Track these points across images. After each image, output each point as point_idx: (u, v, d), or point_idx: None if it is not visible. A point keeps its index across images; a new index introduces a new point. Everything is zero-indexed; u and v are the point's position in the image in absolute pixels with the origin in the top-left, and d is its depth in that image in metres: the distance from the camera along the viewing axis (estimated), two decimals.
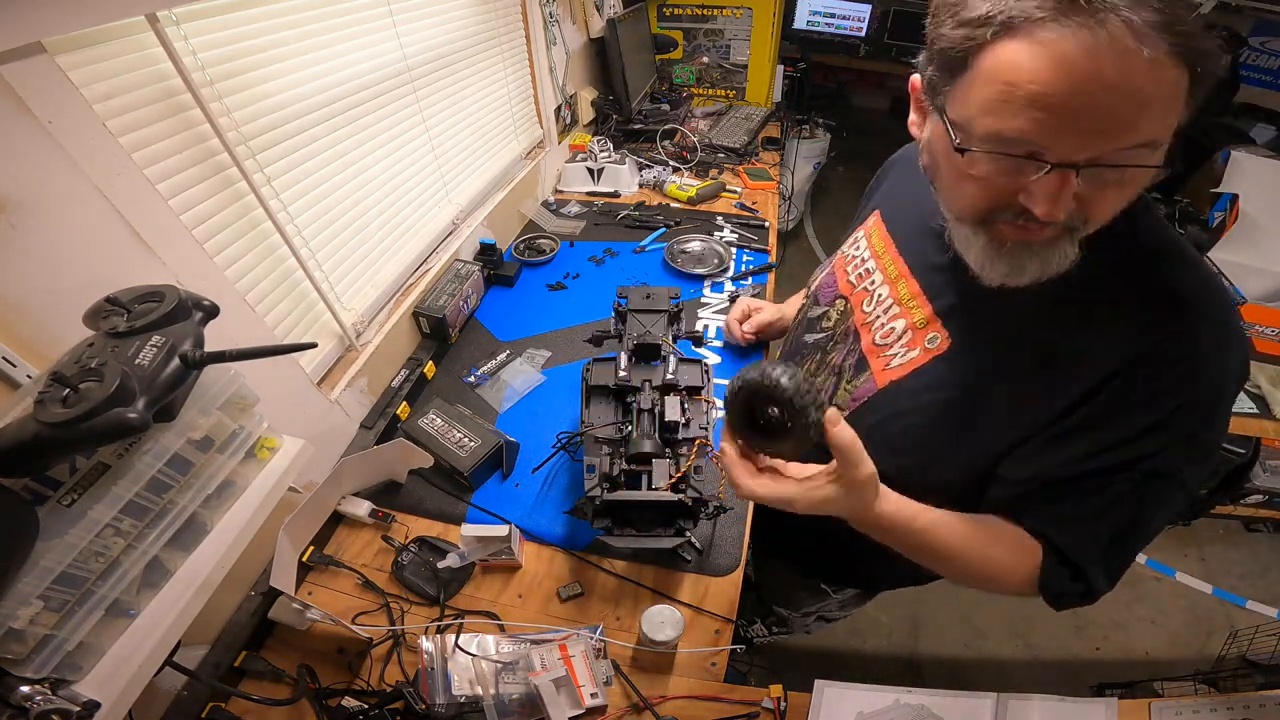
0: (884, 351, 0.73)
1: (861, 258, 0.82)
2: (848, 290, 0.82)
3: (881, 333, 0.74)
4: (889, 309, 0.74)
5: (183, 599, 0.58)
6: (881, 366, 0.73)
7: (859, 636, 1.79)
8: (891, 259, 0.76)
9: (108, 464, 0.52)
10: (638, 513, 0.81)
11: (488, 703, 0.73)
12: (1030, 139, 0.45)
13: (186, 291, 0.56)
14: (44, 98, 0.56)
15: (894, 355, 0.71)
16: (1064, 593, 0.62)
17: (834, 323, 0.83)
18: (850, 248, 0.85)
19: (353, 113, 1.04)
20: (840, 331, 0.81)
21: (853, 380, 0.77)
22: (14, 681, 0.47)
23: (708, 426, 0.86)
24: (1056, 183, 0.45)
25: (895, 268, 0.75)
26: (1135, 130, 0.42)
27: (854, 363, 0.77)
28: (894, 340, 0.72)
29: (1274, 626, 1.59)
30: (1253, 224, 1.97)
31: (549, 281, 1.50)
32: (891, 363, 0.72)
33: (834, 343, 0.82)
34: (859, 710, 0.75)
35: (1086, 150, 0.44)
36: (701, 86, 2.53)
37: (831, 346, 0.82)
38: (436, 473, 1.04)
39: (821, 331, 0.85)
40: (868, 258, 0.81)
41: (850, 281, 0.82)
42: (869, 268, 0.80)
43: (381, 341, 1.16)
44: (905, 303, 0.72)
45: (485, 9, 1.42)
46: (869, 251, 0.81)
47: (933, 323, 0.68)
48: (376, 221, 1.17)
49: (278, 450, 0.69)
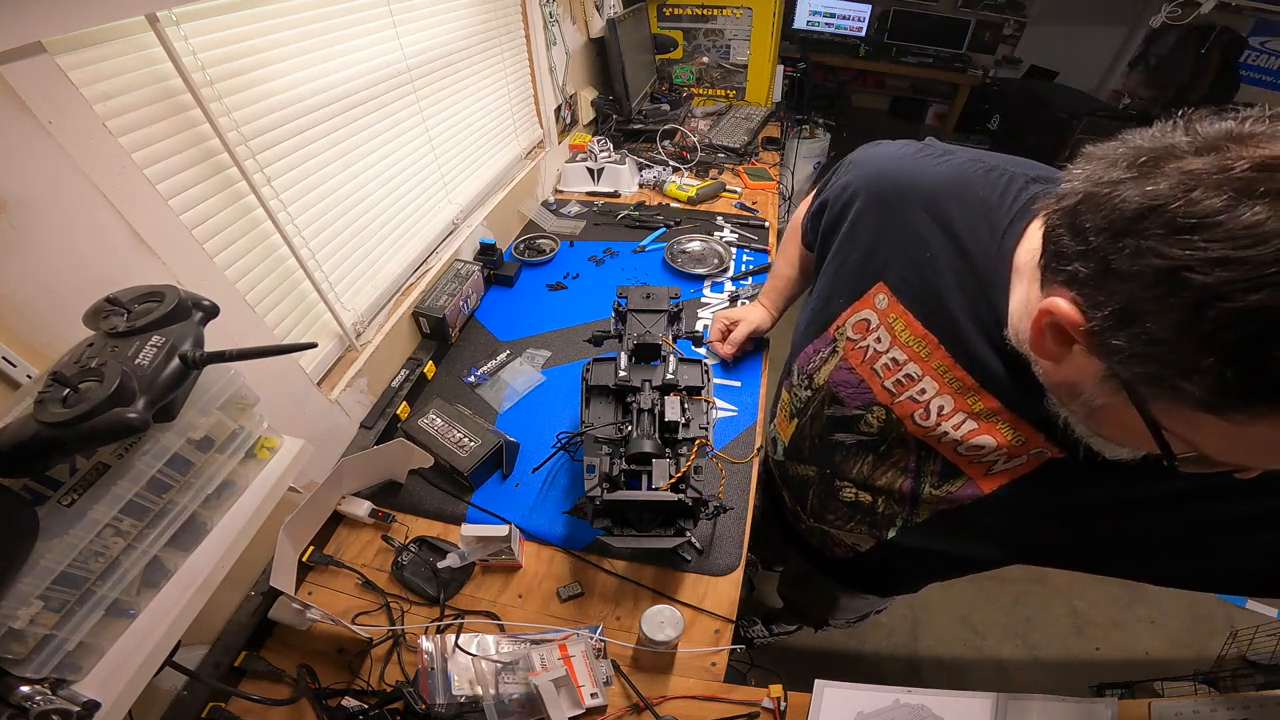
0: (980, 460, 0.63)
1: (888, 354, 0.67)
2: (886, 399, 0.68)
3: (968, 450, 0.63)
4: (964, 427, 0.61)
5: (183, 599, 0.58)
6: (981, 473, 0.64)
7: (859, 637, 1.79)
8: (944, 363, 0.62)
9: (108, 464, 0.52)
10: (638, 513, 0.80)
11: (488, 703, 0.73)
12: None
13: (186, 291, 0.56)
14: (44, 98, 0.56)
15: (995, 464, 0.62)
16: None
17: (877, 429, 0.71)
18: (863, 337, 0.69)
19: (353, 113, 1.04)
20: (895, 439, 0.70)
21: (941, 486, 0.68)
22: (14, 681, 0.47)
23: (708, 426, 0.86)
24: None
25: (951, 373, 0.61)
26: None
27: (939, 470, 0.67)
28: (987, 455, 0.62)
29: (1274, 626, 1.59)
30: None
31: (549, 281, 1.50)
32: (993, 469, 0.63)
33: (888, 448, 0.71)
34: (859, 710, 0.75)
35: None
36: (701, 86, 2.53)
37: (887, 450, 0.72)
38: (436, 473, 1.04)
39: (863, 434, 0.73)
40: (904, 359, 0.65)
41: (888, 389, 0.68)
42: (911, 374, 0.65)
43: (381, 341, 1.16)
44: (986, 417, 0.60)
45: (485, 9, 1.42)
46: (894, 345, 0.66)
47: (1034, 439, 0.57)
48: (376, 221, 1.17)
49: (278, 450, 0.69)
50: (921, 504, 0.71)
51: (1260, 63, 2.81)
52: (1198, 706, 0.70)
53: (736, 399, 1.17)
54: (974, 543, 0.71)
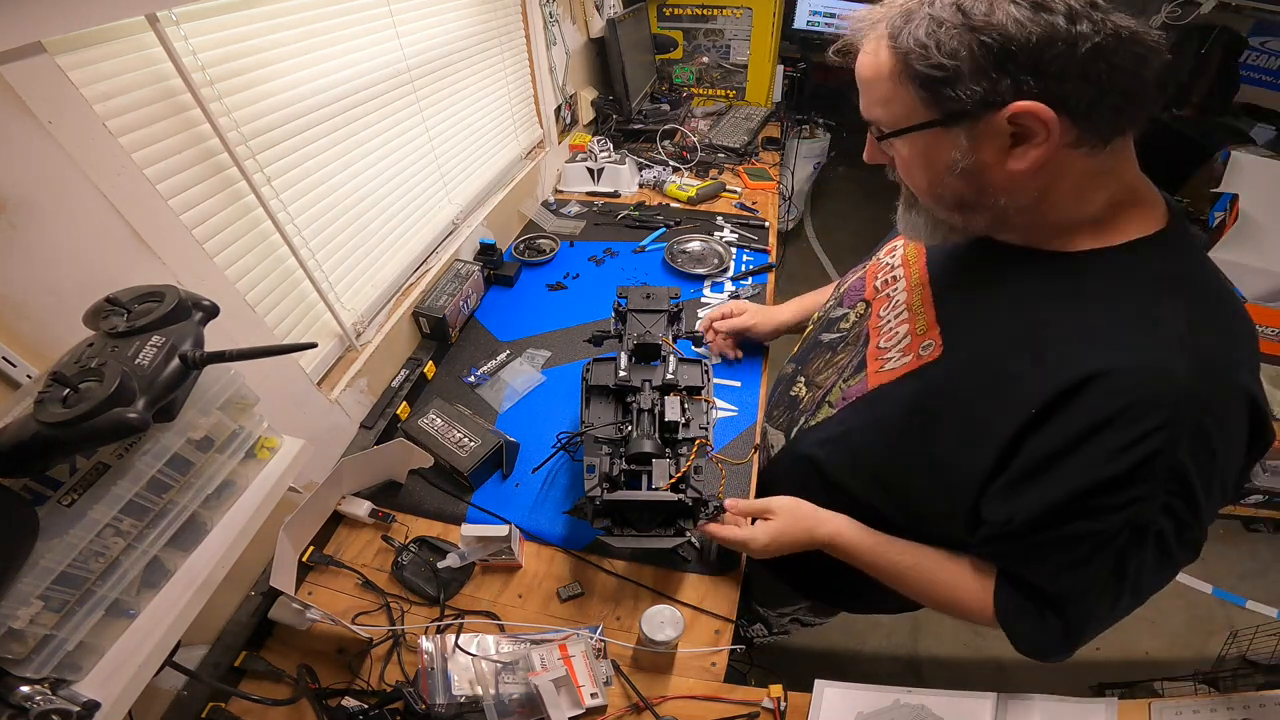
0: (883, 355, 0.73)
1: (892, 265, 0.82)
2: (871, 295, 0.82)
3: (887, 337, 0.74)
4: (900, 314, 0.74)
5: (183, 599, 0.58)
6: (876, 369, 0.73)
7: (859, 637, 1.79)
8: (919, 268, 0.76)
9: (108, 464, 0.52)
10: (638, 513, 0.80)
11: (488, 703, 0.73)
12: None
13: (186, 291, 0.56)
14: (44, 98, 0.56)
15: (890, 359, 0.71)
16: (1014, 609, 0.62)
17: (851, 324, 0.84)
18: (886, 255, 0.85)
19: (353, 113, 1.04)
20: (854, 334, 0.82)
21: (848, 380, 0.77)
22: (14, 681, 0.47)
23: (708, 426, 0.86)
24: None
25: (919, 275, 0.75)
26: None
27: (855, 364, 0.77)
28: (894, 345, 0.72)
29: (1274, 626, 1.59)
30: (1252, 224, 1.97)
31: (549, 281, 1.50)
32: (886, 365, 0.71)
33: (846, 344, 0.83)
34: (859, 710, 0.75)
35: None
36: (701, 86, 2.53)
37: (843, 347, 0.83)
38: (436, 473, 1.04)
39: (838, 332, 0.86)
40: (897, 265, 0.81)
41: (876, 287, 0.82)
42: (896, 275, 0.79)
43: (381, 341, 1.16)
44: (915, 309, 0.72)
45: (485, 9, 1.42)
46: (900, 259, 0.81)
47: (932, 330, 0.67)
48: (376, 221, 1.17)
49: (278, 450, 0.69)
50: (823, 404, 0.81)
51: (1260, 63, 2.81)
52: (1197, 706, 0.70)
53: (736, 399, 1.17)
54: (837, 457, 0.77)
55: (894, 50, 0.52)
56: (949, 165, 0.54)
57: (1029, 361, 0.55)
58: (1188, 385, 0.48)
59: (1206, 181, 2.21)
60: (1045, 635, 0.60)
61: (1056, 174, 0.53)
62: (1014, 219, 0.58)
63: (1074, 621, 0.58)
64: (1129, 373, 0.50)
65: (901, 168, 0.60)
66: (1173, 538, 0.52)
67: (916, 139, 0.55)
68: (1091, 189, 0.54)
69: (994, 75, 0.48)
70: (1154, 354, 0.50)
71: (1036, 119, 0.48)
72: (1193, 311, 0.51)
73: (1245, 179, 2.05)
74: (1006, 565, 0.63)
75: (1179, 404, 0.48)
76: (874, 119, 0.58)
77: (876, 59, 0.54)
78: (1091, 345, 0.52)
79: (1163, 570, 0.55)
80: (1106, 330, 0.53)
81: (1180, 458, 0.49)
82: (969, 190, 0.56)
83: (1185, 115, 2.67)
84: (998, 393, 0.57)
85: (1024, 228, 0.59)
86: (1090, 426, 0.51)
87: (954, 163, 0.54)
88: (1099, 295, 0.55)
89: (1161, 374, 0.49)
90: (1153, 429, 0.48)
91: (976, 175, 0.54)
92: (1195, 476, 0.50)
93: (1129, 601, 0.56)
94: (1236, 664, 1.56)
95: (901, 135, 0.56)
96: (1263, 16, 2.63)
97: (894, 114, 0.55)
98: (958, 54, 0.48)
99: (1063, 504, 0.53)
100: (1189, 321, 0.50)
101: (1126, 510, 0.51)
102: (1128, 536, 0.53)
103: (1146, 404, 0.49)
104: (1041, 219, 0.57)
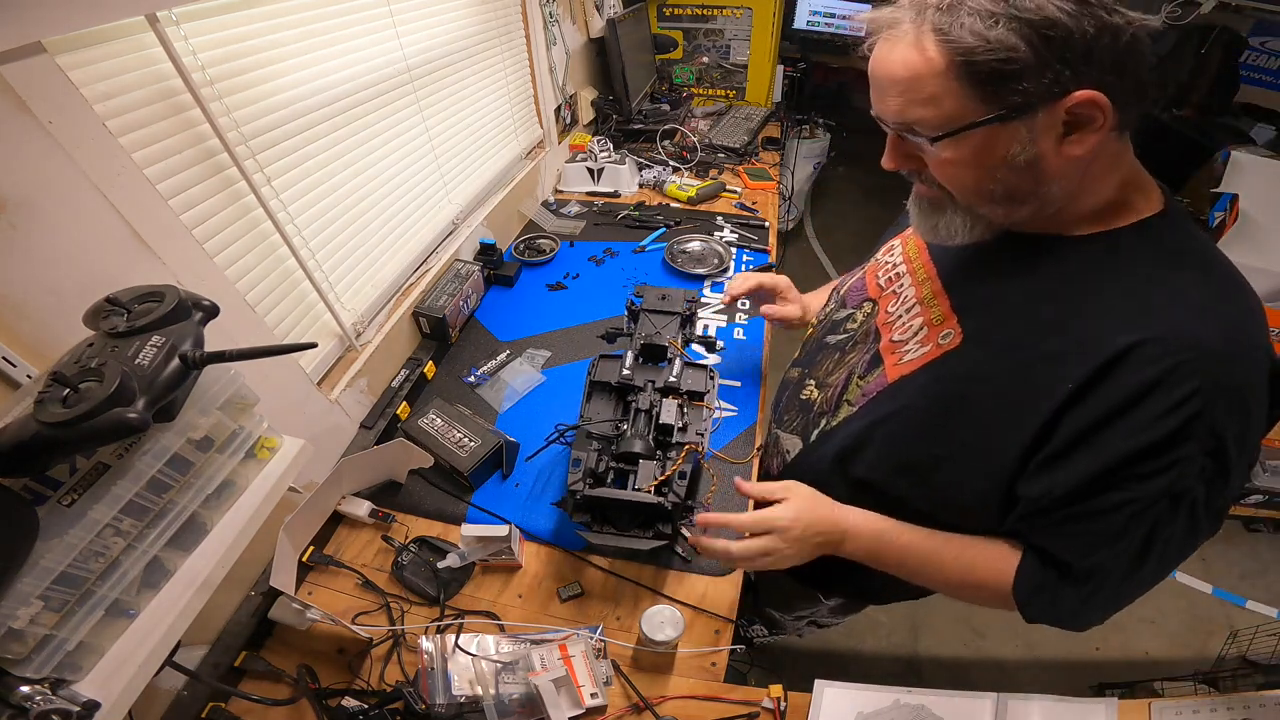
0: (899, 348, 0.73)
1: (894, 263, 0.82)
2: (876, 293, 0.82)
3: (900, 330, 0.74)
4: (911, 308, 0.74)
5: (183, 599, 0.58)
6: (894, 362, 0.72)
7: (859, 637, 1.79)
8: (923, 263, 0.76)
9: (108, 464, 0.52)
10: (618, 511, 0.80)
11: (488, 703, 0.73)
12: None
13: (186, 291, 0.56)
14: (44, 98, 0.56)
15: (908, 351, 0.71)
16: (1035, 585, 0.62)
17: (859, 324, 0.84)
18: (884, 255, 0.86)
19: (353, 113, 1.04)
20: (863, 332, 0.81)
21: (865, 376, 0.76)
22: (14, 681, 0.46)
23: (704, 433, 0.86)
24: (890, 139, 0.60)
25: (925, 270, 0.75)
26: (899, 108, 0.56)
27: (869, 360, 0.77)
28: (910, 337, 0.72)
29: (1274, 626, 1.59)
30: (1252, 224, 1.97)
31: (549, 281, 1.50)
32: (904, 358, 0.71)
33: (854, 343, 0.82)
34: (859, 710, 0.75)
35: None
36: (701, 86, 2.53)
37: (851, 347, 0.82)
38: (436, 473, 1.04)
39: (844, 333, 0.85)
40: (899, 263, 0.81)
41: (880, 285, 0.82)
42: (900, 272, 0.80)
43: (381, 341, 1.16)
44: (927, 301, 0.72)
45: (485, 9, 1.42)
46: (902, 257, 0.81)
47: (949, 319, 0.68)
48: (376, 221, 1.17)
49: (278, 450, 0.69)
50: (842, 404, 0.79)
51: (1260, 63, 2.81)
52: (1197, 706, 0.70)
53: (736, 399, 1.17)
54: (863, 452, 0.75)
55: (946, 45, 0.50)
56: (1005, 159, 0.54)
57: (1063, 342, 0.57)
58: (1220, 349, 0.51)
59: (1206, 181, 2.21)
60: (1059, 608, 0.61)
61: (1098, 157, 0.54)
62: (1050, 206, 0.58)
63: (1096, 594, 0.59)
64: (1164, 339, 0.52)
65: (939, 168, 0.58)
66: (1202, 506, 0.54)
67: (970, 137, 0.53)
68: (1112, 171, 0.57)
69: (1057, 66, 0.49)
70: (1184, 322, 0.52)
71: (1095, 106, 0.50)
72: (1207, 282, 0.55)
73: (1245, 179, 2.05)
74: (1038, 540, 0.63)
75: (1213, 367, 0.51)
76: (914, 120, 0.55)
77: (921, 55, 0.52)
78: (1124, 318, 0.54)
79: (1190, 540, 0.56)
80: (1136, 303, 0.55)
81: (1219, 416, 0.51)
82: (1025, 181, 0.55)
83: (1185, 115, 2.67)
84: (1033, 373, 0.58)
85: (1046, 214, 0.60)
86: (1137, 392, 0.52)
87: (1012, 156, 0.53)
88: (1120, 271, 0.57)
89: (1194, 339, 0.51)
90: (1192, 392, 0.50)
91: (1034, 165, 0.54)
92: (1231, 437, 0.51)
93: (1153, 574, 0.58)
94: (1236, 664, 1.56)
95: (958, 135, 0.53)
96: (1263, 16, 2.62)
97: (945, 113, 0.53)
98: (1018, 47, 0.49)
99: (1104, 473, 0.54)
100: (1206, 291, 0.54)
101: (1169, 473, 0.53)
102: (1165, 505, 0.54)
103: (1187, 366, 0.51)
104: (1072, 202, 0.58)
